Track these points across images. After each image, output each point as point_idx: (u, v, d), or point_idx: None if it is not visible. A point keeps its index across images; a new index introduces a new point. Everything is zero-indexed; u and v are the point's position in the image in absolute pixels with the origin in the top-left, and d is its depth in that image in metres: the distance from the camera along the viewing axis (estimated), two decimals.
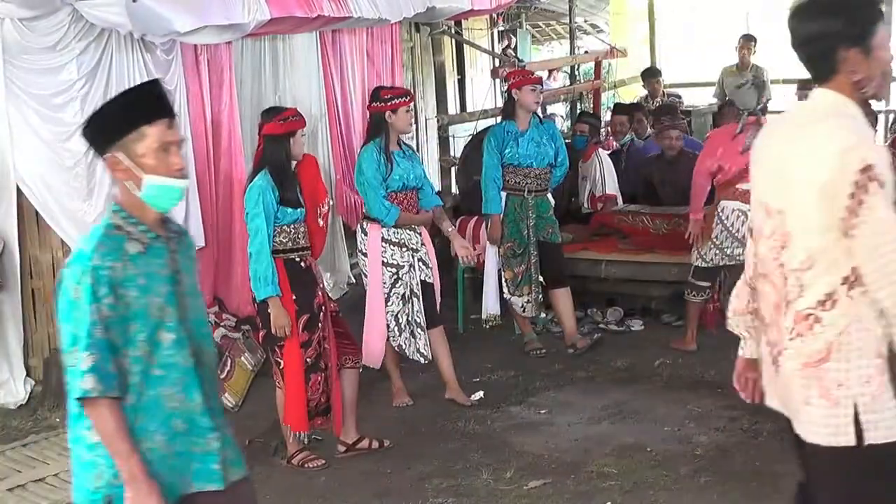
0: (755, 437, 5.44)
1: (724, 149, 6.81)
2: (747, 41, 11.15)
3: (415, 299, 6.06)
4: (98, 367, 2.83)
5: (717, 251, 6.83)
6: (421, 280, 6.09)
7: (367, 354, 6.01)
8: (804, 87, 11.10)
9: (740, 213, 6.72)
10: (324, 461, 5.42)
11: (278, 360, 5.33)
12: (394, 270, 6.00)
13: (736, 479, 4.95)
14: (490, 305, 7.22)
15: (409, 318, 6.05)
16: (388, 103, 5.94)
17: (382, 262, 6.01)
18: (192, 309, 3.02)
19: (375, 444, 5.60)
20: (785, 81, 11.62)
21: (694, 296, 6.99)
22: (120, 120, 2.92)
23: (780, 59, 6.94)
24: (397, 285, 6.01)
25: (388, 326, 6.05)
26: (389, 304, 6.02)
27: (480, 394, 6.30)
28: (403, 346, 6.10)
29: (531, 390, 6.41)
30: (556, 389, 6.42)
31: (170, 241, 3.02)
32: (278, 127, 5.28)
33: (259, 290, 5.22)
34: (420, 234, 6.13)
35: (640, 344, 7.22)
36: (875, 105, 11.63)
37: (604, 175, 8.50)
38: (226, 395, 6.34)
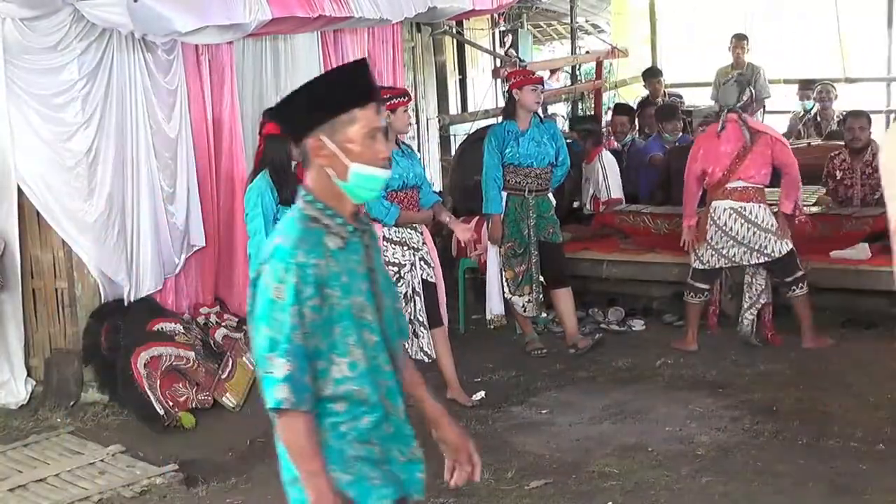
0: (756, 437, 5.44)
1: (706, 150, 6.85)
2: (739, 40, 11.14)
3: (416, 298, 6.06)
4: (293, 376, 2.58)
5: (714, 252, 6.83)
6: (423, 279, 6.09)
7: None
8: (805, 88, 11.14)
9: (732, 212, 6.73)
10: None
11: None
12: (395, 269, 5.99)
13: (737, 480, 4.94)
14: (494, 306, 7.21)
15: (412, 318, 6.05)
16: (387, 103, 5.94)
17: (385, 261, 6.00)
18: (386, 308, 2.79)
19: None
20: (786, 81, 11.63)
21: (692, 297, 6.98)
22: (331, 100, 2.67)
23: (780, 58, 6.95)
24: (399, 284, 6.01)
25: None
26: None
27: (482, 394, 6.30)
28: (406, 346, 6.09)
29: (532, 390, 6.41)
30: (558, 389, 6.42)
31: (363, 234, 2.79)
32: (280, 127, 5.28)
33: None
34: (421, 232, 6.13)
35: (642, 344, 7.22)
36: (875, 105, 11.64)
37: (607, 179, 8.49)
38: (227, 395, 6.34)
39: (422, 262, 6.09)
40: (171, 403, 6.10)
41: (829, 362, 6.50)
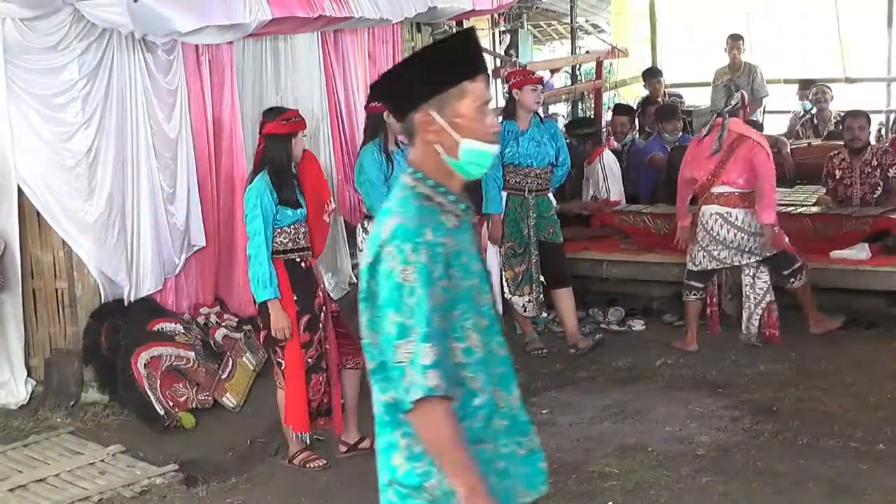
0: (756, 437, 5.44)
1: (692, 156, 6.94)
2: (735, 41, 11.14)
3: None
4: (441, 361, 2.40)
5: (705, 254, 6.90)
6: None
7: None
8: (805, 88, 11.15)
9: (718, 217, 6.80)
10: (325, 461, 5.42)
11: (279, 360, 5.33)
12: None
13: (737, 480, 4.94)
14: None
15: None
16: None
17: None
18: (492, 291, 2.66)
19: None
20: (786, 81, 11.63)
21: (689, 295, 7.04)
22: (440, 73, 2.51)
23: (779, 58, 6.95)
24: None
25: None
26: None
27: None
28: None
29: (532, 390, 6.40)
30: (558, 389, 6.42)
31: (471, 213, 2.65)
32: (281, 127, 5.27)
33: (258, 293, 5.21)
34: None
35: (642, 344, 7.22)
36: (875, 105, 11.65)
37: (607, 180, 8.49)
38: (227, 395, 6.35)
39: None
40: (171, 403, 6.10)
41: (829, 362, 6.50)
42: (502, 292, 7.13)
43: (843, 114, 9.06)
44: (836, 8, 12.85)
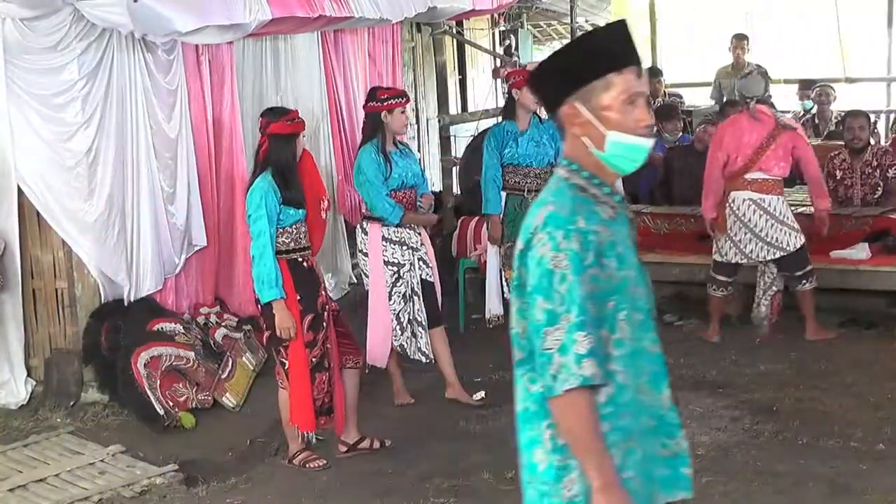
0: (756, 437, 5.44)
1: (730, 137, 6.83)
2: (740, 40, 11.13)
3: (416, 298, 6.06)
4: (597, 350, 2.37)
5: (732, 246, 6.87)
6: (422, 279, 6.09)
7: (371, 354, 6.00)
8: (805, 88, 11.14)
9: (751, 203, 6.74)
10: (325, 461, 5.42)
11: (283, 360, 5.32)
12: (395, 269, 6.00)
13: (737, 479, 4.94)
14: (494, 306, 7.21)
15: (411, 317, 6.06)
16: (384, 103, 5.94)
17: (384, 260, 6.01)
18: (648, 286, 2.63)
19: (377, 444, 5.60)
20: (786, 81, 11.63)
21: (715, 290, 7.06)
22: (585, 65, 2.48)
23: (780, 58, 6.94)
24: (398, 284, 6.01)
25: (391, 326, 6.05)
26: (391, 302, 6.02)
27: (482, 393, 6.30)
28: (405, 346, 6.10)
29: None
30: None
31: (627, 206, 2.61)
32: (286, 127, 5.26)
33: (263, 293, 5.20)
34: (420, 233, 6.13)
35: None
36: (875, 105, 11.66)
37: None
38: (227, 395, 6.35)
39: (420, 262, 6.09)
40: (171, 403, 6.10)
41: (829, 362, 6.49)
42: (502, 292, 7.14)
43: (843, 114, 9.06)
44: (837, 8, 12.85)
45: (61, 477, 5.33)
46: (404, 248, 6.03)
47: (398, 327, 6.06)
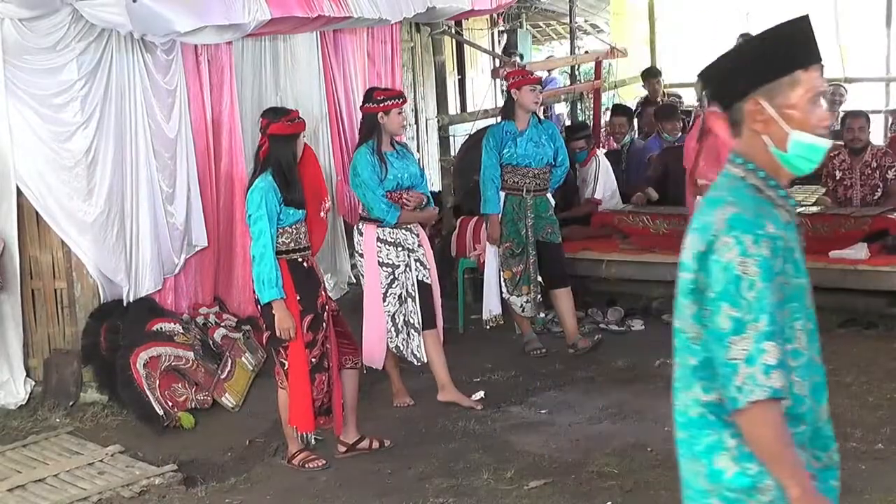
0: None
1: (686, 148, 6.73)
2: (743, 38, 11.11)
3: (410, 300, 6.04)
4: (783, 362, 2.30)
5: None
6: (418, 280, 6.06)
7: (367, 355, 6.00)
8: None
9: None
10: (324, 461, 5.42)
11: (283, 360, 5.31)
12: (389, 270, 5.99)
13: None
14: (492, 306, 7.20)
15: (405, 320, 6.04)
16: (381, 105, 5.92)
17: (378, 261, 5.98)
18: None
19: (376, 444, 5.59)
20: None
21: None
22: (773, 61, 2.39)
23: None
24: (393, 285, 6.00)
25: (385, 327, 6.03)
26: (386, 304, 6.00)
27: (481, 394, 6.30)
28: (400, 348, 6.08)
29: (532, 390, 6.41)
30: (557, 389, 6.42)
31: (795, 210, 2.51)
32: (287, 127, 5.25)
33: (263, 294, 5.20)
34: (417, 234, 6.11)
35: (641, 344, 7.21)
36: (874, 105, 11.65)
37: (596, 180, 8.50)
38: (226, 395, 6.35)
39: (417, 264, 6.07)
40: (170, 403, 6.10)
41: (827, 362, 6.37)
42: (500, 292, 7.13)
43: (843, 113, 9.06)
44: (836, 8, 12.85)
45: (60, 477, 5.33)
46: (399, 249, 6.01)
47: (393, 329, 6.04)
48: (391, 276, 5.98)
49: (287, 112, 5.44)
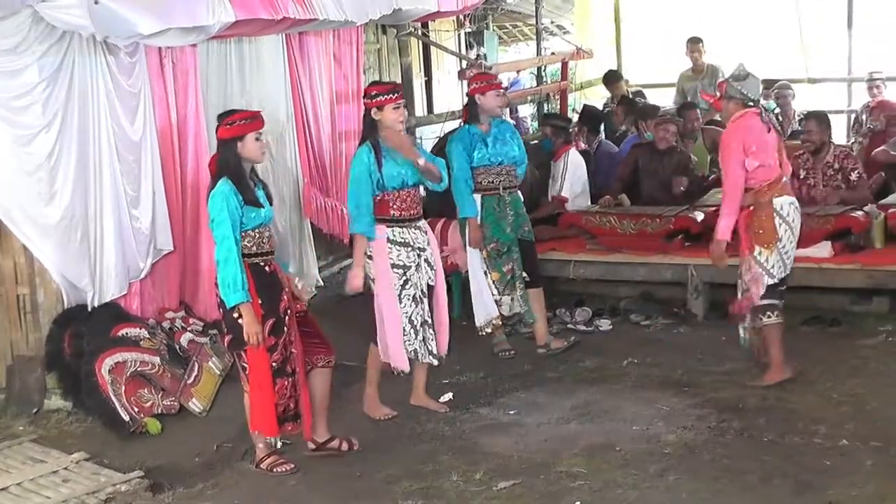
0: (722, 436, 5.47)
1: (759, 144, 6.06)
2: (694, 44, 11.21)
3: (424, 300, 5.94)
4: None
5: (779, 258, 6.08)
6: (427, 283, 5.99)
7: (394, 360, 5.91)
8: (768, 88, 11.21)
9: (794, 207, 6.14)
10: (293, 465, 5.39)
11: (244, 364, 5.29)
12: (401, 272, 5.86)
13: (704, 478, 4.96)
14: (490, 310, 7.05)
15: (423, 320, 5.92)
16: (374, 100, 5.83)
17: (390, 263, 5.85)
18: None
19: (345, 446, 5.57)
20: None
21: (769, 317, 6.12)
22: None
23: (743, 59, 6.98)
24: (407, 286, 5.86)
25: (402, 330, 5.89)
26: (402, 306, 5.86)
27: (449, 395, 6.30)
28: (419, 350, 5.94)
29: (500, 391, 6.41)
30: (525, 390, 6.42)
31: None
32: (226, 131, 5.25)
33: (229, 297, 5.15)
34: (426, 233, 6.02)
35: (609, 344, 7.24)
36: (837, 105, 11.75)
37: (564, 176, 8.53)
38: (193, 400, 6.30)
39: (426, 264, 5.95)
40: (136, 409, 6.05)
41: (792, 360, 6.53)
42: (491, 295, 7.04)
43: (805, 113, 9.15)
44: (798, 9, 12.97)
45: (24, 486, 5.26)
46: (409, 249, 5.88)
47: (412, 330, 5.90)
48: (404, 278, 5.88)
49: (229, 114, 5.39)
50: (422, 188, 6.18)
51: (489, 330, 7.08)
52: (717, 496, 4.78)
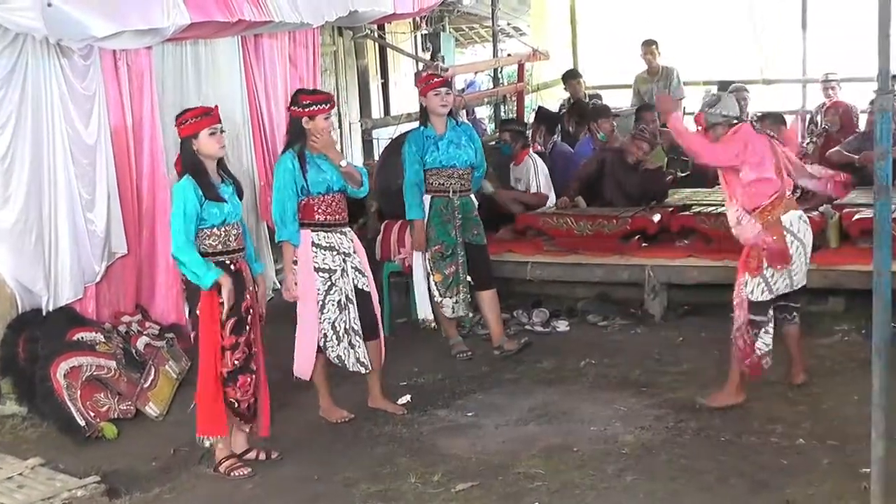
0: (679, 436, 5.51)
1: (766, 157, 5.83)
2: (648, 46, 11.29)
3: (350, 306, 5.93)
4: None
5: (786, 275, 5.84)
6: (357, 288, 5.97)
7: (298, 366, 5.93)
8: (723, 89, 11.33)
9: (802, 222, 5.92)
10: (250, 469, 5.37)
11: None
12: (326, 276, 5.87)
13: (661, 478, 5.00)
14: (426, 310, 7.15)
15: (347, 326, 5.94)
16: (306, 109, 5.83)
17: (314, 267, 5.89)
18: None
19: (263, 456, 5.55)
20: (705, 83, 11.80)
21: (764, 336, 5.85)
22: None
23: (698, 61, 7.04)
24: (332, 291, 5.87)
25: (325, 336, 5.88)
26: (325, 311, 5.86)
27: (407, 397, 6.30)
28: (343, 357, 5.94)
29: (458, 393, 6.42)
30: (483, 392, 6.44)
31: None
32: (180, 130, 5.32)
33: (204, 280, 5.16)
34: (352, 239, 6.03)
35: (566, 345, 7.27)
36: (791, 105, 11.88)
37: (538, 176, 8.59)
38: (150, 404, 6.26)
39: (354, 271, 5.96)
40: (92, 414, 6.00)
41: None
42: (431, 297, 7.10)
43: (760, 114, 9.24)
44: (752, 11, 13.11)
45: None
46: (335, 253, 5.89)
47: (334, 337, 5.90)
48: (328, 282, 5.87)
49: (183, 113, 5.40)
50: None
51: (430, 326, 7.18)
52: (675, 496, 4.82)
